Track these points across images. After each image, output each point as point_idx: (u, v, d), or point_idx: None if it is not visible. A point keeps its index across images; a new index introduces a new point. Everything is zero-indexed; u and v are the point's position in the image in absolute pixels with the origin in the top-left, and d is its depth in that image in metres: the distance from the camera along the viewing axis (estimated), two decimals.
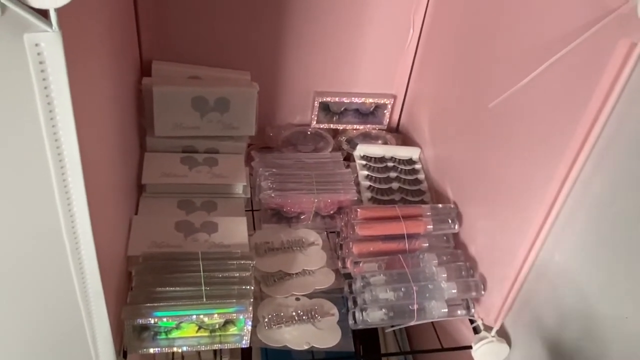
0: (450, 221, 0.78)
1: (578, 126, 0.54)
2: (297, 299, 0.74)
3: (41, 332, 0.54)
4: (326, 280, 0.77)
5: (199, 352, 0.97)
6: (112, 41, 0.65)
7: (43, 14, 0.36)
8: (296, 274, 0.77)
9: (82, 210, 0.47)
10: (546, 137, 0.59)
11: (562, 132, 0.57)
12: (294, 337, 0.69)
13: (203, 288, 0.65)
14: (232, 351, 0.96)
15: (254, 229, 0.83)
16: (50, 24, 0.36)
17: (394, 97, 1.00)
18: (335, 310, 0.73)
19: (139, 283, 0.65)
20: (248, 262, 0.69)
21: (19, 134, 0.40)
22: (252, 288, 0.66)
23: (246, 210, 0.83)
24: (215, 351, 0.98)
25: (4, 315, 0.51)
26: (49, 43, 0.37)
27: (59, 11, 0.37)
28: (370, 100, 0.99)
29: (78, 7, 0.40)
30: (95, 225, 0.49)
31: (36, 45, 0.36)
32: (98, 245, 0.50)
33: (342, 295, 0.75)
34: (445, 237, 0.78)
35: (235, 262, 0.69)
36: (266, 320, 0.70)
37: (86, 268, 0.51)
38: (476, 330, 0.73)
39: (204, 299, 0.64)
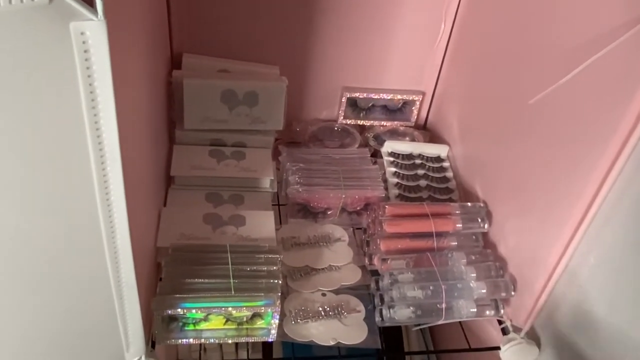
0: (479, 220, 0.76)
1: (620, 125, 0.53)
2: (324, 295, 0.74)
3: (74, 321, 0.55)
4: (353, 276, 0.77)
5: (220, 346, 0.98)
6: (148, 33, 0.65)
7: (89, 2, 0.36)
8: (322, 269, 0.77)
9: (119, 200, 0.47)
10: (586, 135, 0.58)
11: (603, 131, 0.55)
12: (320, 332, 0.69)
13: (232, 281, 0.65)
14: (253, 344, 0.96)
15: (280, 223, 0.83)
16: (95, 13, 0.37)
17: (423, 93, 0.98)
18: (361, 307, 0.73)
19: (168, 274, 0.66)
20: (276, 256, 0.69)
21: (62, 121, 0.41)
22: (280, 282, 0.66)
23: (272, 205, 0.83)
24: (236, 344, 0.98)
25: (39, 303, 0.52)
26: (94, 32, 0.37)
27: (104, 0, 0.37)
28: (399, 96, 0.98)
29: None
30: (129, 216, 0.49)
31: (82, 33, 0.37)
32: (132, 235, 0.50)
33: (368, 291, 0.75)
34: (474, 237, 0.77)
35: (263, 255, 0.69)
36: (293, 314, 0.70)
37: (121, 258, 0.52)
38: (505, 332, 0.71)
39: (233, 292, 0.64)
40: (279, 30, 0.89)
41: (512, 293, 0.71)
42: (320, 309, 0.71)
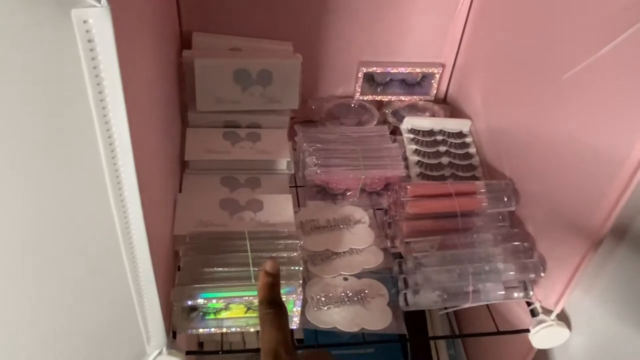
0: (506, 198, 0.73)
1: None
2: (345, 279, 0.72)
3: (92, 317, 0.53)
4: (375, 259, 0.74)
5: (242, 334, 0.97)
6: (154, 13, 0.62)
7: None
8: (343, 253, 0.75)
9: (132, 191, 0.45)
10: (624, 107, 0.54)
11: None
12: (343, 318, 0.68)
13: (251, 269, 0.63)
14: None
15: (299, 206, 0.81)
16: None
17: (443, 65, 0.94)
18: (385, 291, 0.71)
19: (187, 264, 0.64)
20: (296, 241, 0.67)
21: (69, 114, 0.38)
22: (301, 269, 0.64)
23: (290, 187, 0.81)
24: (258, 333, 0.97)
25: (55, 299, 0.51)
26: (97, 19, 0.34)
27: None
28: (418, 69, 0.94)
29: None
30: (144, 206, 0.47)
31: (84, 22, 0.34)
32: (147, 226, 0.48)
33: (391, 275, 0.73)
34: (500, 216, 0.74)
35: (282, 241, 0.67)
36: (315, 300, 0.69)
37: (137, 250, 0.50)
38: (534, 313, 0.69)
39: (253, 280, 0.62)
40: (291, 4, 0.85)
41: (542, 274, 0.68)
42: (343, 294, 0.70)
